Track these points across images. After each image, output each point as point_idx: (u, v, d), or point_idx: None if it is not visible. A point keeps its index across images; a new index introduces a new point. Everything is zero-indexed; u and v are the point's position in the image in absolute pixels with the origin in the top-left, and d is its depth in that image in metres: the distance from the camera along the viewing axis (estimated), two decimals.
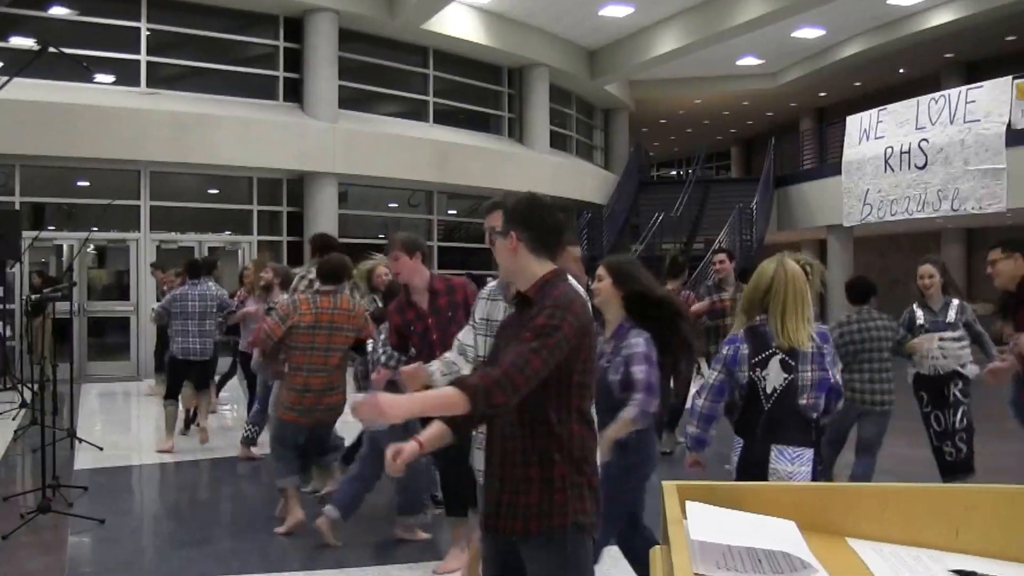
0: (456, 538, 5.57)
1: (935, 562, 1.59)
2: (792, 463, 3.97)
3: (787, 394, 3.99)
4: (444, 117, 21.15)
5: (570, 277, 3.19)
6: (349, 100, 18.78)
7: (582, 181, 23.63)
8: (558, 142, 24.47)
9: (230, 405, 12.40)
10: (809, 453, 4.00)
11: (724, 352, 4.21)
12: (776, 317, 4.02)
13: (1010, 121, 15.58)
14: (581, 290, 3.16)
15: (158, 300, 12.62)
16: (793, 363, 3.98)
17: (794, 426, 4.00)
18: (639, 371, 4.07)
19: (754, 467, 4.01)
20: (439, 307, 5.23)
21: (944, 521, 1.68)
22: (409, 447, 3.00)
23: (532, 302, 3.01)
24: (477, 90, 22.43)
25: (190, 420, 10.31)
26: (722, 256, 9.09)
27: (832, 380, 4.06)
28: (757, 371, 4.04)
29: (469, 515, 5.06)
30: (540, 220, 3.13)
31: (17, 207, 15.03)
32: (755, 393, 4.06)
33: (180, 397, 9.81)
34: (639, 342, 4.13)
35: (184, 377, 9.55)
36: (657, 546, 1.84)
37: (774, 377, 4.01)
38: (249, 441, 8.87)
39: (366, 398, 2.83)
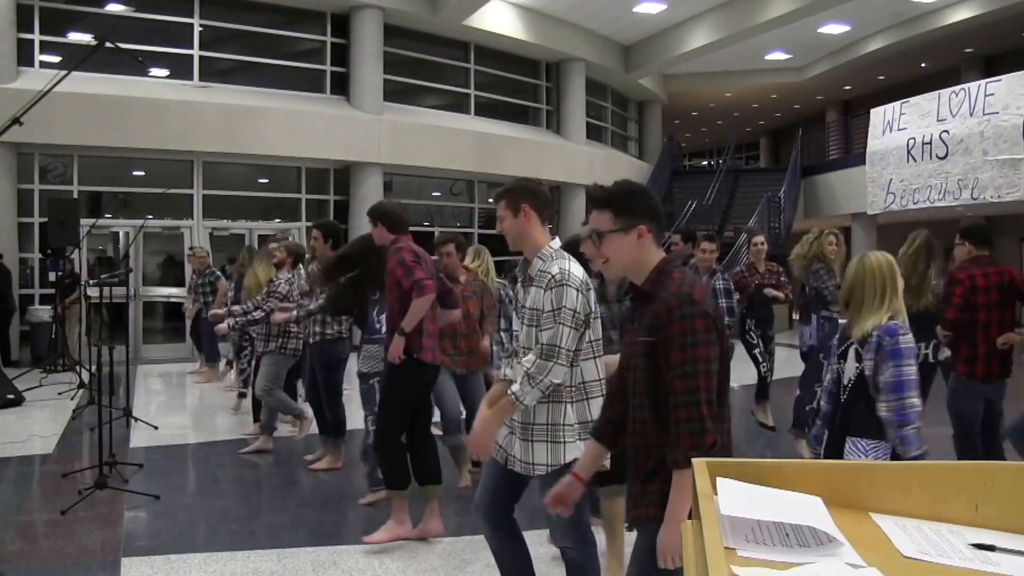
0: (396, 508, 5.60)
1: (955, 536, 1.57)
2: (866, 455, 3.80)
3: (860, 385, 3.84)
4: (485, 109, 21.40)
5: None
6: (393, 93, 19.05)
7: (617, 171, 22.79)
8: (594, 133, 24.66)
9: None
10: (885, 446, 3.79)
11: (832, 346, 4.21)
12: (856, 311, 3.90)
13: None
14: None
15: (194, 286, 12.86)
16: (863, 353, 3.83)
17: (869, 417, 3.81)
18: None
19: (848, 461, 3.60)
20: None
21: (965, 496, 1.66)
22: (570, 490, 3.15)
23: (650, 295, 2.89)
24: (516, 83, 22.65)
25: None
26: (760, 238, 9.45)
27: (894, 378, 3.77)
28: (841, 363, 3.98)
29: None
30: (659, 207, 3.04)
31: (75, 196, 15.51)
32: (838, 385, 4.01)
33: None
34: None
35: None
36: (689, 520, 1.81)
37: (849, 368, 3.91)
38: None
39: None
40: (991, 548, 1.52)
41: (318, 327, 7.40)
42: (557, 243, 3.91)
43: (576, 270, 3.74)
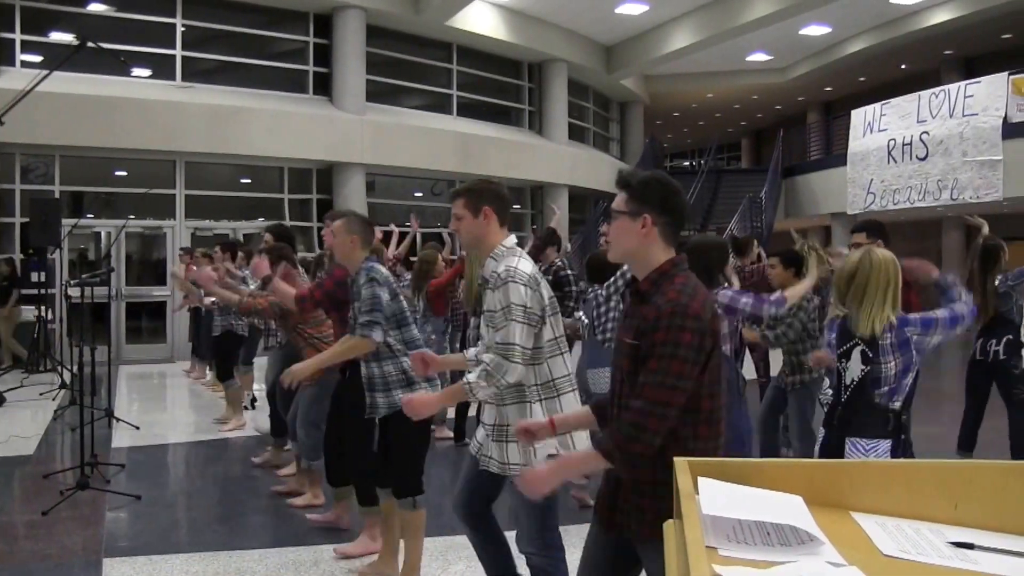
0: (368, 525, 5.50)
1: (935, 534, 1.58)
2: (866, 455, 3.77)
3: (863, 386, 3.80)
4: (467, 110, 21.44)
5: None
6: (376, 93, 19.06)
7: (599, 171, 23.76)
8: (576, 134, 24.73)
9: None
10: (885, 445, 3.77)
11: (826, 337, 4.17)
12: (857, 306, 3.83)
13: (1006, 115, 16.20)
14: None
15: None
16: (872, 354, 3.77)
17: (870, 418, 3.80)
18: None
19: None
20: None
21: (945, 495, 1.67)
22: (540, 429, 3.14)
23: (645, 296, 2.79)
24: (499, 84, 22.70)
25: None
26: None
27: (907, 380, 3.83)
28: (842, 362, 3.90)
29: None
30: (678, 206, 2.88)
31: (57, 195, 15.38)
32: (840, 384, 3.93)
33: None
34: None
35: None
36: (670, 520, 1.81)
37: (853, 368, 3.84)
38: None
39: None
40: (970, 546, 1.53)
41: None
42: (511, 241, 3.82)
43: (524, 266, 3.66)
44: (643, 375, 2.66)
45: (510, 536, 3.98)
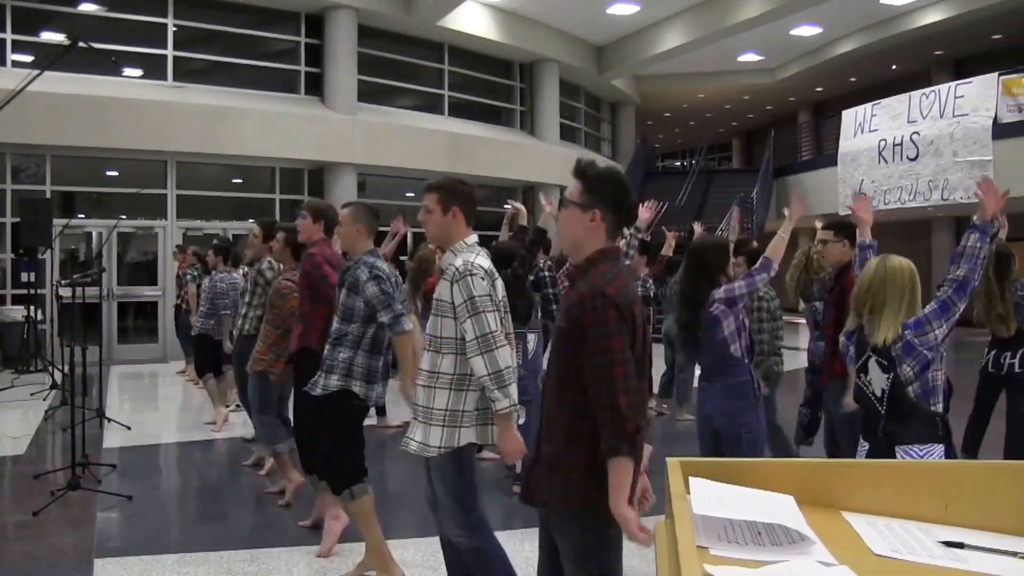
0: (331, 518, 5.51)
1: (925, 534, 1.60)
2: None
3: (897, 394, 3.69)
4: (458, 110, 21.39)
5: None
6: (367, 94, 19.02)
7: None
8: (567, 134, 24.70)
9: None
10: (939, 449, 3.63)
11: (842, 344, 4.03)
12: (872, 315, 3.75)
13: (996, 115, 16.27)
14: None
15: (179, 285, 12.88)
16: (887, 363, 3.69)
17: (916, 423, 3.68)
18: None
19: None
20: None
21: (935, 495, 1.69)
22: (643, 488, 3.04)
23: (574, 283, 2.93)
24: (490, 84, 22.67)
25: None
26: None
27: (935, 381, 3.73)
28: (862, 376, 3.82)
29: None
30: (630, 206, 2.99)
31: (48, 195, 15.32)
32: (866, 397, 3.83)
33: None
34: None
35: None
36: (661, 520, 1.81)
37: (877, 380, 3.74)
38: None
39: None
40: (960, 545, 1.55)
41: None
42: (473, 239, 3.94)
43: (482, 262, 3.78)
44: (588, 360, 2.75)
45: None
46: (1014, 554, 1.51)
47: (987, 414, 7.30)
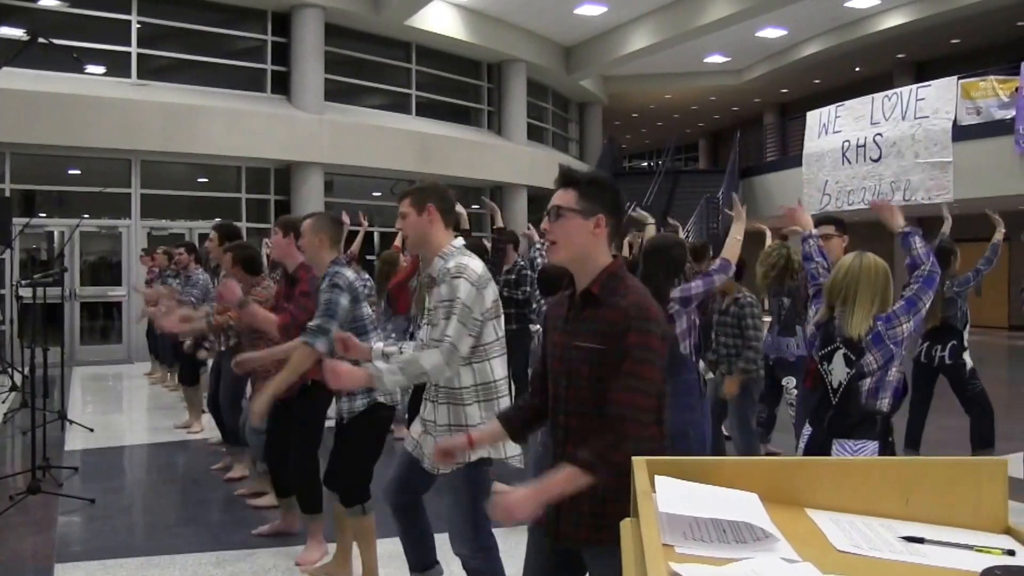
0: (313, 531, 5.39)
1: (887, 529, 1.61)
2: (854, 455, 3.74)
3: (851, 389, 3.79)
4: (426, 110, 21.39)
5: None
6: (335, 93, 18.96)
7: (557, 172, 23.41)
8: (535, 134, 24.76)
9: None
10: (872, 446, 3.75)
11: (810, 332, 4.12)
12: (845, 307, 3.81)
13: (956, 118, 16.49)
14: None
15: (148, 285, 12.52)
16: (854, 358, 3.76)
17: (858, 420, 3.78)
18: None
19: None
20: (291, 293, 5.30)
21: (896, 491, 1.70)
22: (456, 444, 3.10)
23: (599, 299, 2.69)
24: (457, 84, 22.65)
25: None
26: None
27: (890, 377, 3.82)
28: (824, 364, 3.88)
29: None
30: (623, 207, 2.89)
31: (7, 194, 15.02)
32: (823, 385, 3.90)
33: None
34: None
35: None
36: (627, 519, 1.79)
37: (838, 372, 3.82)
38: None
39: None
40: (920, 540, 1.56)
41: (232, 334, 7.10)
42: (459, 242, 3.84)
43: (475, 265, 3.68)
44: (616, 380, 2.59)
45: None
46: (971, 548, 1.53)
47: (925, 406, 7.49)
